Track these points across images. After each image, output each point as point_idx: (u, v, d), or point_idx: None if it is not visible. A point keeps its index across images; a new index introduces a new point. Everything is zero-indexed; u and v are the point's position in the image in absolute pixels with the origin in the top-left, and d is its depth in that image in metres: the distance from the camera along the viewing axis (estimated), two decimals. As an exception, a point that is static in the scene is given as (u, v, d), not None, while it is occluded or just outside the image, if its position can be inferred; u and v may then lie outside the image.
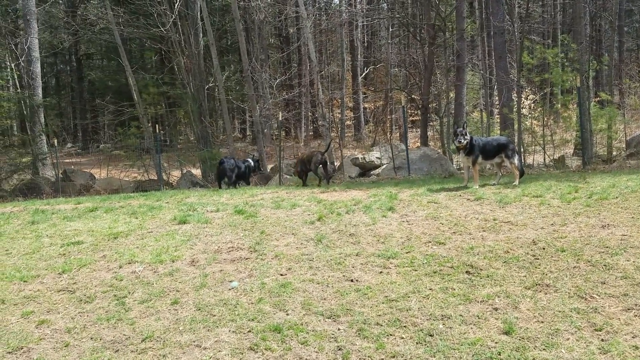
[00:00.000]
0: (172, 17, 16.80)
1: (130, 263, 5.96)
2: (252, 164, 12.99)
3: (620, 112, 18.59)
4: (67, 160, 24.23)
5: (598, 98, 16.64)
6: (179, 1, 16.84)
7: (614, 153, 13.75)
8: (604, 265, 5.02)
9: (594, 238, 5.73)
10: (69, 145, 34.61)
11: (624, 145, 14.70)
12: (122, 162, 19.26)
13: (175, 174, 17.55)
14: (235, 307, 4.67)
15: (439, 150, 16.99)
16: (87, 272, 5.79)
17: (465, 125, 9.57)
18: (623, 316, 4.11)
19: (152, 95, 20.73)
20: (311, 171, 11.90)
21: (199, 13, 18.12)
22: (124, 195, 12.05)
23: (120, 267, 5.87)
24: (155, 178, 16.28)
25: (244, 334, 4.21)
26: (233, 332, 4.24)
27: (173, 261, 5.92)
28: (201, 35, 18.75)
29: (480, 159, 9.35)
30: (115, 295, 5.10)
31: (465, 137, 9.11)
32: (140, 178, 17.19)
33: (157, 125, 17.90)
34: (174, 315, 4.61)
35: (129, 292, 5.15)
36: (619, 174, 9.64)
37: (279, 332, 4.17)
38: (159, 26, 16.88)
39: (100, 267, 5.92)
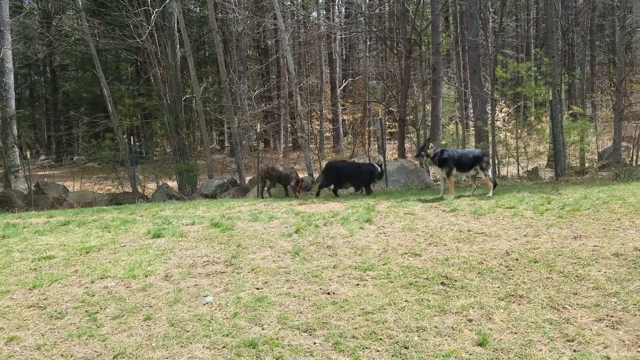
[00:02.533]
0: (148, 28, 16.70)
1: (102, 278, 5.84)
2: (379, 169, 12.17)
3: (593, 125, 19.05)
4: (40, 173, 23.72)
5: (571, 111, 17.03)
6: (156, 12, 16.74)
7: (587, 165, 14.08)
8: (576, 276, 5.10)
9: (566, 249, 5.83)
10: (42, 157, 33.94)
11: (596, 157, 15.06)
12: (96, 175, 18.92)
13: (151, 186, 17.31)
14: (210, 322, 4.61)
15: (416, 162, 17.15)
16: (58, 287, 5.66)
17: (429, 141, 9.95)
18: (595, 327, 4.17)
19: (127, 107, 20.50)
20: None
21: (176, 24, 18.04)
22: (98, 208, 11.85)
23: (92, 282, 5.75)
24: (130, 191, 16.05)
25: (219, 349, 4.15)
26: (207, 348, 4.18)
27: (146, 276, 5.82)
28: (178, 46, 18.66)
29: (455, 171, 9.48)
30: (86, 311, 4.99)
31: (431, 150, 9.52)
32: (114, 191, 16.92)
33: (132, 137, 17.71)
34: (147, 331, 4.52)
35: (101, 308, 5.05)
36: (591, 185, 9.86)
37: (254, 348, 4.12)
38: (135, 37, 16.75)
39: (72, 282, 5.79)
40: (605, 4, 29.24)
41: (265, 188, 13.04)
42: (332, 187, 12.09)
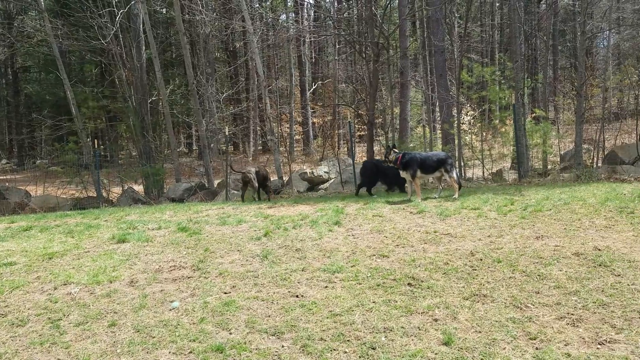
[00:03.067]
0: (113, 29, 16.41)
1: (65, 284, 5.70)
2: None
3: (555, 128, 19.60)
4: (2, 177, 23.01)
5: (534, 114, 17.48)
6: (121, 14, 16.47)
7: (549, 167, 14.45)
8: (538, 275, 5.24)
9: (529, 249, 5.98)
10: (4, 161, 32.93)
11: (558, 159, 15.48)
12: (60, 179, 18.45)
13: (116, 190, 16.98)
14: (176, 327, 4.55)
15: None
16: (20, 294, 5.49)
17: (394, 146, 10.17)
18: (556, 324, 4.28)
19: (91, 109, 20.10)
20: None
21: (141, 26, 17.78)
22: (61, 213, 11.53)
23: (55, 288, 5.61)
24: (94, 195, 15.70)
25: (185, 355, 4.10)
26: (173, 353, 4.13)
27: (111, 282, 5.71)
28: (144, 48, 18.38)
29: (419, 173, 9.61)
30: (49, 318, 4.86)
31: (394, 155, 9.75)
32: (78, 195, 16.52)
33: (96, 140, 17.35)
34: (112, 338, 4.44)
35: (64, 315, 4.93)
36: (553, 187, 10.13)
37: (222, 352, 4.09)
38: (99, 38, 16.44)
39: (34, 289, 5.63)
40: (566, 9, 30.17)
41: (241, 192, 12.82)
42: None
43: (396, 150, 9.96)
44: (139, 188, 16.97)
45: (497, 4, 33.93)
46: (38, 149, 35.13)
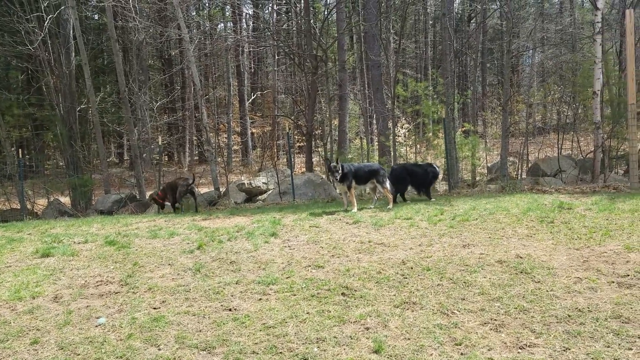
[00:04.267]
0: (41, 35, 15.67)
1: (-18, 302, 5.35)
2: (437, 169, 11.51)
3: (483, 141, 20.53)
4: None
5: (464, 128, 18.24)
6: (50, 19, 15.76)
7: (477, 178, 15.12)
8: (464, 282, 5.44)
9: (456, 257, 6.21)
10: None
11: (486, 171, 16.23)
12: (-20, 190, 17.31)
13: (42, 202, 16.12)
14: (102, 344, 4.36)
15: (323, 176, 17.47)
16: None
17: (338, 160, 10.11)
18: (480, 330, 4.45)
19: (16, 117, 19.09)
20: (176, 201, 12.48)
21: (71, 31, 17.10)
22: (-20, 226, 10.82)
23: (-29, 306, 5.25)
24: (18, 207, 14.84)
25: (110, 373, 3.94)
26: (98, 372, 3.95)
27: (34, 297, 5.41)
28: (73, 54, 17.67)
29: (354, 184, 9.78)
30: (-36, 338, 4.55)
31: (339, 171, 9.57)
32: (0, 207, 15.55)
33: (21, 150, 16.42)
34: (34, 356, 4.20)
35: (-18, 333, 4.63)
36: (480, 197, 10.58)
37: (149, 369, 3.96)
38: (26, 44, 15.64)
39: (-55, 309, 5.24)
40: (495, 29, 31.81)
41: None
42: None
43: (335, 164, 9.96)
44: (65, 200, 16.19)
45: (430, 22, 35.31)
46: (-45, 158, 32.72)
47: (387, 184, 9.99)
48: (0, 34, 18.38)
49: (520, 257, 6.09)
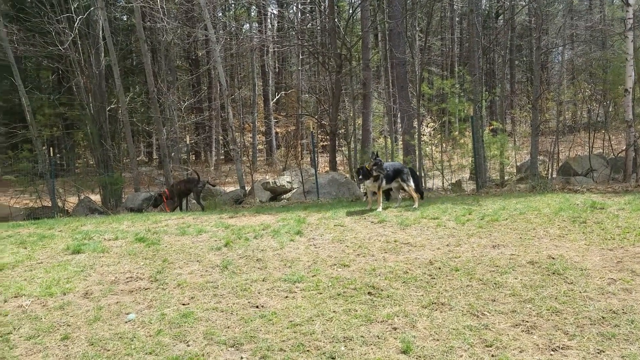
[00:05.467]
0: (71, 35, 15.99)
1: (16, 297, 5.50)
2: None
3: (512, 140, 20.19)
4: (-50, 186, 21.93)
5: (491, 126, 17.96)
6: (79, 19, 16.08)
7: (506, 177, 14.85)
8: (494, 284, 5.35)
9: (486, 258, 6.11)
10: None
11: (514, 170, 15.94)
12: (13, 188, 17.79)
13: (72, 200, 16.46)
14: (132, 340, 4.43)
15: (347, 175, 17.42)
16: (-36, 309, 5.24)
17: (378, 155, 9.93)
18: (511, 332, 4.37)
19: (47, 117, 19.51)
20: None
21: (100, 32, 17.41)
22: (13, 223, 11.09)
23: (6, 301, 5.41)
24: (49, 205, 15.18)
25: (140, 368, 3.99)
26: (128, 367, 4.01)
27: (64, 294, 5.52)
28: (103, 54, 17.99)
29: (384, 183, 9.72)
30: (-2, 332, 4.67)
31: (384, 168, 9.47)
32: (32, 205, 15.93)
33: (52, 149, 16.79)
34: (64, 352, 4.29)
35: (15, 328, 4.75)
36: (509, 197, 10.40)
37: (178, 365, 4.00)
38: (57, 44, 15.99)
39: (-18, 303, 5.39)
40: (523, 25, 31.27)
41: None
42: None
43: (380, 159, 9.72)
44: (96, 198, 16.50)
45: (457, 19, 34.92)
46: (-10, 157, 33.71)
47: (412, 183, 9.90)
48: (31, 35, 18.80)
49: (553, 258, 5.96)
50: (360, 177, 9.79)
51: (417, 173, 11.67)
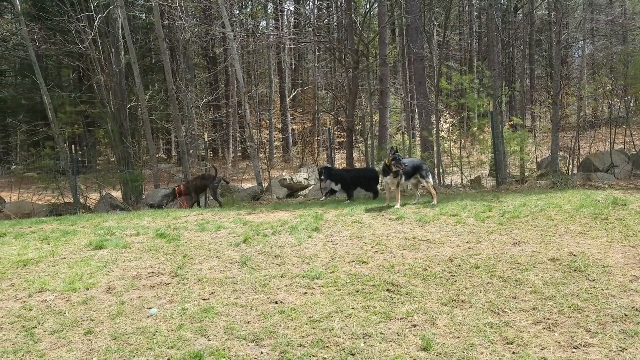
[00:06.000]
0: (91, 34, 16.20)
1: (40, 292, 5.61)
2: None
3: (532, 135, 19.92)
4: (-26, 183, 22.45)
5: (511, 122, 17.73)
6: (99, 18, 16.27)
7: (526, 174, 14.66)
8: (515, 281, 5.31)
9: (506, 255, 6.06)
10: (-23, 167, 32.09)
11: (535, 166, 15.73)
12: (35, 185, 18.13)
13: (94, 196, 16.73)
14: (154, 334, 4.50)
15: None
16: (-9, 303, 5.37)
17: (397, 149, 9.89)
18: (532, 329, 4.34)
19: (68, 114, 19.77)
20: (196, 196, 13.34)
21: (120, 30, 17.60)
22: (36, 219, 11.31)
23: (30, 296, 5.51)
24: (71, 201, 15.43)
25: (163, 362, 4.05)
26: (151, 361, 4.08)
27: (87, 289, 5.62)
28: (123, 53, 18.20)
29: (403, 180, 9.69)
30: (23, 326, 4.77)
31: (404, 165, 9.41)
32: (54, 201, 16.21)
33: (73, 146, 17.04)
34: (88, 346, 4.36)
35: (39, 323, 4.85)
36: (530, 193, 10.29)
37: (200, 359, 4.05)
38: (77, 43, 16.20)
39: (8, 297, 5.52)
40: (542, 19, 30.81)
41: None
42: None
43: (399, 154, 9.67)
44: (117, 194, 16.74)
45: (476, 13, 34.53)
46: (13, 154, 34.40)
47: (430, 179, 9.85)
48: (52, 34, 19.07)
49: (574, 255, 5.89)
50: (393, 162, 9.53)
51: (435, 169, 11.62)
